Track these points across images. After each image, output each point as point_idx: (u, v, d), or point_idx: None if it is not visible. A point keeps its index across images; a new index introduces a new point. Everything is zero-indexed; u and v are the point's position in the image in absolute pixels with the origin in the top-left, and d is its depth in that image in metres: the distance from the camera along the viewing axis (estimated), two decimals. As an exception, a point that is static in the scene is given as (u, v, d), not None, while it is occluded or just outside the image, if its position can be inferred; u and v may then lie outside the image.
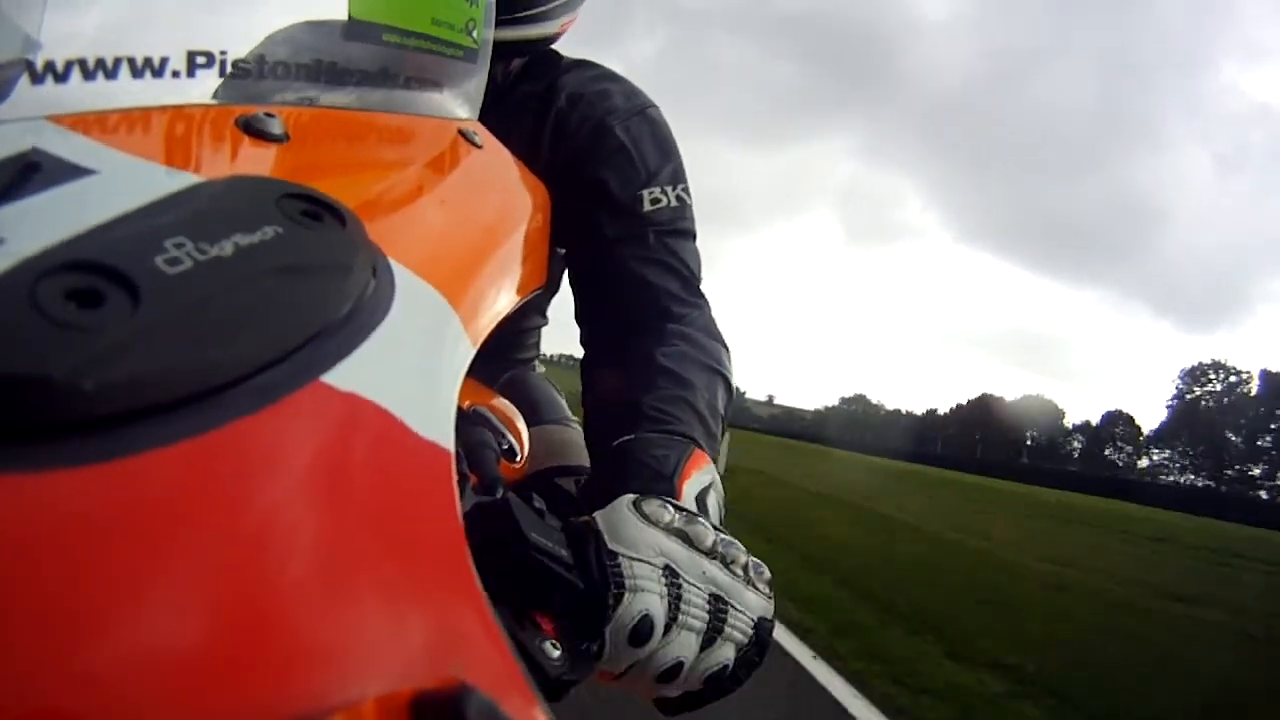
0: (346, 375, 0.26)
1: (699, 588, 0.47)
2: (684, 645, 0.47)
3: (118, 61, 0.33)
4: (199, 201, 0.27)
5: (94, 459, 0.20)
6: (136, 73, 0.33)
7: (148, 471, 0.21)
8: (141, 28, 0.35)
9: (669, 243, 0.78)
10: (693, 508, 0.55)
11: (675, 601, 0.46)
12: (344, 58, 0.44)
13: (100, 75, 0.32)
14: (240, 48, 0.38)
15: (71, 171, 0.28)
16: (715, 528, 0.50)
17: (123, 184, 0.28)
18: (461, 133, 0.53)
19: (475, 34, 0.53)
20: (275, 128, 0.37)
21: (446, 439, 0.31)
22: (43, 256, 0.22)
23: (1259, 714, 3.89)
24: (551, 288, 1.03)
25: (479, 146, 0.55)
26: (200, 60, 0.36)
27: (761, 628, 0.49)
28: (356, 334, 0.28)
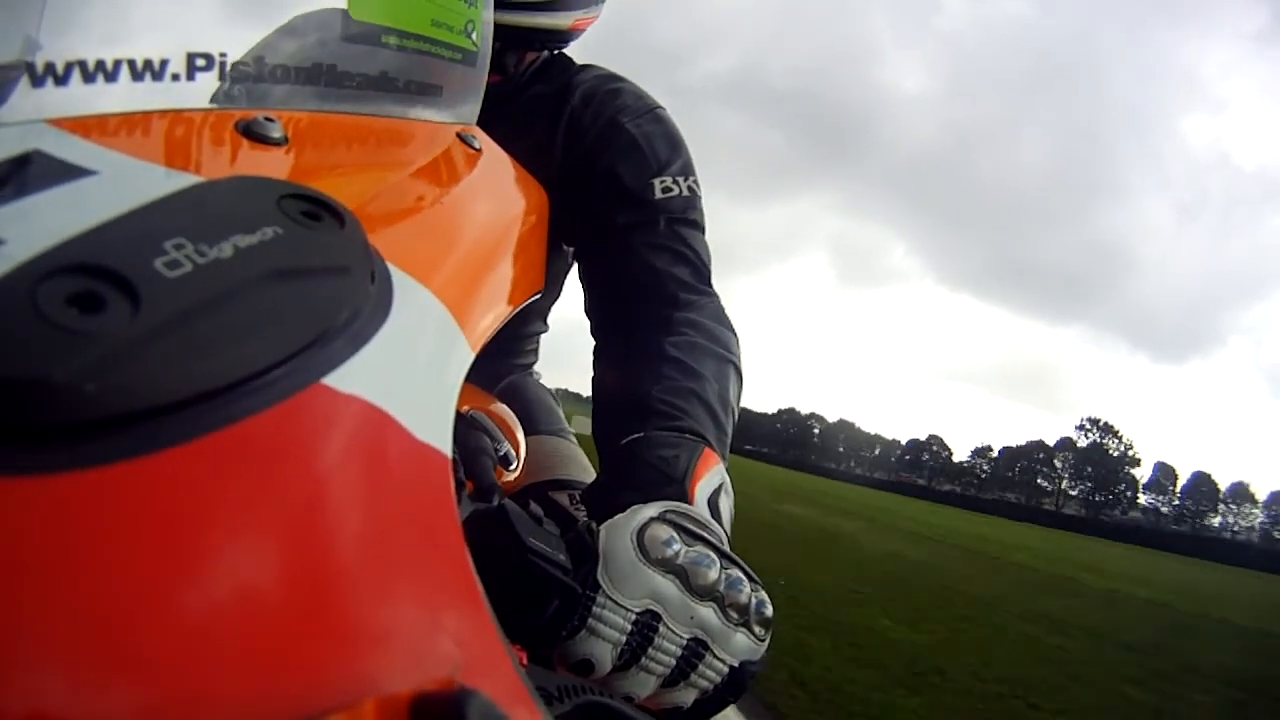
0: (348, 378, 0.26)
1: (678, 634, 0.45)
2: (639, 684, 0.46)
3: (118, 64, 0.33)
4: (199, 202, 0.27)
5: (96, 462, 0.20)
6: (136, 75, 0.33)
7: (149, 475, 0.21)
8: (141, 30, 0.35)
9: (680, 231, 0.77)
10: (706, 512, 0.54)
11: (642, 646, 0.44)
12: (343, 61, 0.44)
13: (100, 77, 0.32)
14: (240, 50, 0.38)
15: (71, 172, 0.28)
16: (724, 553, 0.48)
17: (122, 184, 0.28)
18: (460, 137, 0.53)
19: (474, 36, 0.53)
20: (275, 132, 0.37)
21: (445, 444, 0.31)
22: (44, 259, 0.22)
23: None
24: (554, 292, 1.02)
25: (478, 151, 0.54)
26: (200, 63, 0.36)
27: (742, 670, 0.48)
28: (357, 338, 0.28)
